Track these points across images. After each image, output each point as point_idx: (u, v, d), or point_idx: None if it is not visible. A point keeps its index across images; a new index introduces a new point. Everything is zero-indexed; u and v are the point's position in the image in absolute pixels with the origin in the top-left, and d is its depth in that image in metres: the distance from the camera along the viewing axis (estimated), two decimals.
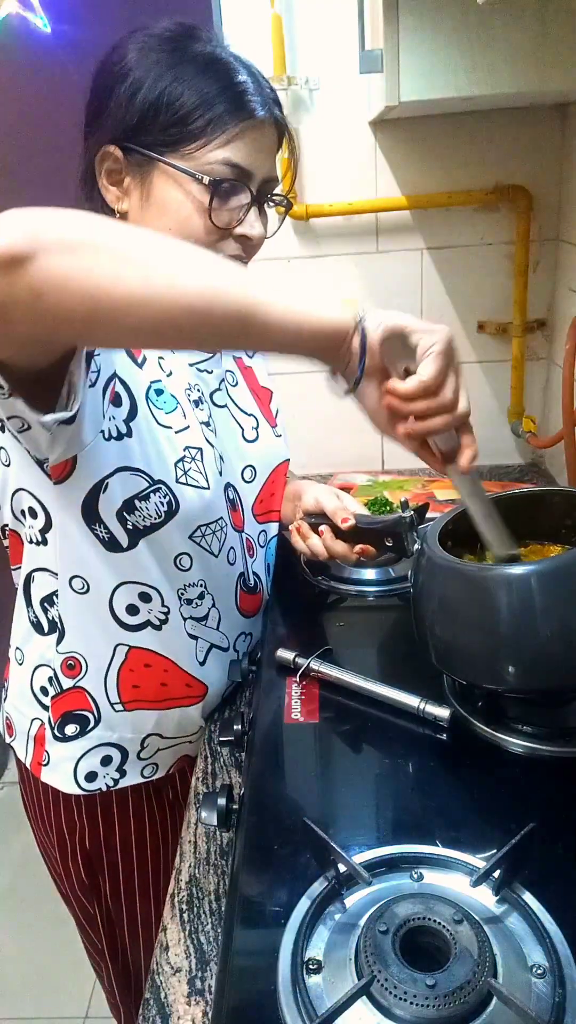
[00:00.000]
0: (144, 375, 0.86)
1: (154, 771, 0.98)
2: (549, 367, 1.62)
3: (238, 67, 0.82)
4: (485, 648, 0.73)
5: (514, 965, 0.54)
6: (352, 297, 0.69)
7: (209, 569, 0.93)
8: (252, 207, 0.84)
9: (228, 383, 1.01)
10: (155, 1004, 0.63)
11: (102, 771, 0.94)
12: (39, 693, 0.94)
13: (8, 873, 2.10)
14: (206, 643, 0.95)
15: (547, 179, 1.49)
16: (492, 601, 0.71)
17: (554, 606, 0.69)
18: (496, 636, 0.72)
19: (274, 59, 1.40)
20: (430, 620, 0.78)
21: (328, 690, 0.85)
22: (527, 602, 0.70)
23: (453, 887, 0.60)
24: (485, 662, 0.74)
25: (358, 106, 1.45)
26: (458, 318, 1.60)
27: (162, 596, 0.89)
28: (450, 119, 1.44)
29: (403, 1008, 0.50)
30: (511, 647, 0.72)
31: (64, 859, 1.00)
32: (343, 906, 0.59)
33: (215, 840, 0.78)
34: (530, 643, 0.71)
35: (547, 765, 0.74)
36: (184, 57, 0.80)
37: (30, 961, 1.87)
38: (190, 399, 0.91)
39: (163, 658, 0.91)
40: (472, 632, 0.74)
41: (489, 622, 0.72)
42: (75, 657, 0.90)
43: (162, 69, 0.80)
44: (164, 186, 0.82)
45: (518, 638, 0.71)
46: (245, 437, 1.02)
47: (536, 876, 0.59)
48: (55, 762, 0.94)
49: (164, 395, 0.87)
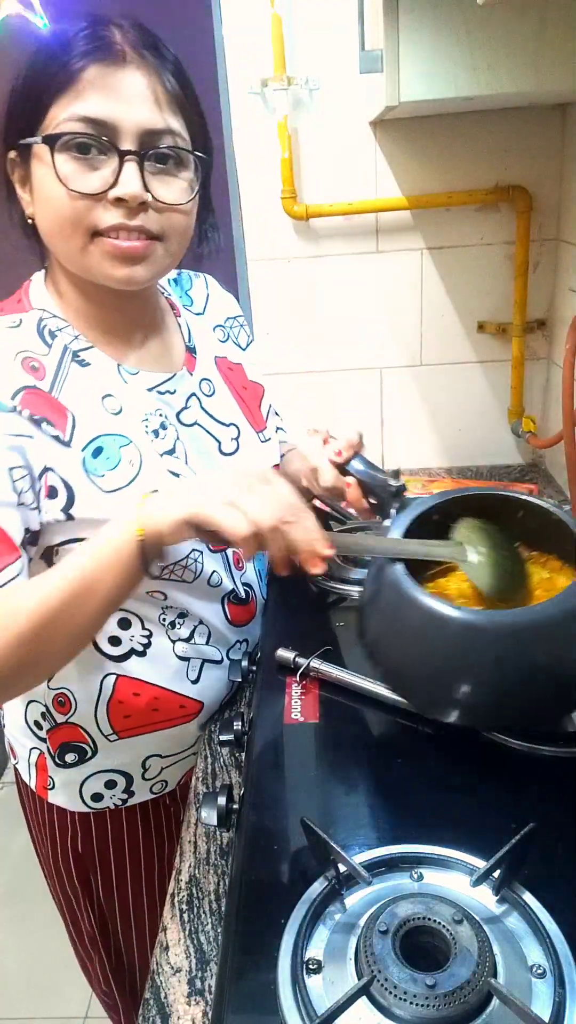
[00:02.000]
0: (74, 450, 0.79)
1: (164, 787, 0.98)
2: (549, 367, 1.62)
3: (82, 19, 0.74)
4: (429, 680, 0.73)
5: (514, 965, 0.53)
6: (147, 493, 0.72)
7: (188, 595, 0.90)
8: (125, 164, 0.74)
9: (201, 394, 0.94)
10: (155, 1004, 0.63)
11: (108, 793, 0.94)
12: (34, 727, 0.93)
13: (8, 873, 2.10)
14: (198, 661, 0.93)
15: (547, 179, 1.49)
16: (444, 638, 0.70)
17: (509, 656, 0.69)
18: (442, 671, 0.71)
19: (274, 59, 1.40)
20: (375, 636, 0.78)
21: (328, 690, 0.85)
22: (475, 644, 0.69)
23: (453, 887, 0.60)
24: (427, 694, 0.74)
25: (358, 106, 1.45)
26: (458, 318, 1.60)
27: (142, 620, 0.87)
28: (450, 119, 1.44)
29: (403, 1008, 0.50)
30: (455, 682, 0.71)
31: (56, 861, 1.00)
32: (343, 906, 0.59)
33: (215, 840, 0.78)
34: (476, 683, 0.70)
35: (547, 765, 0.74)
36: (37, 38, 0.75)
37: (30, 961, 1.87)
38: (148, 430, 0.85)
39: (152, 686, 0.90)
40: (418, 662, 0.74)
41: (436, 658, 0.72)
42: (64, 693, 0.89)
43: (21, 57, 0.74)
44: (37, 170, 0.76)
45: (464, 677, 0.70)
46: (223, 451, 0.95)
47: (536, 876, 0.59)
48: (60, 786, 0.94)
49: (105, 452, 0.80)
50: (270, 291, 1.60)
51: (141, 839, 0.99)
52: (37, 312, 0.83)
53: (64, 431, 0.79)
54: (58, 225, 0.76)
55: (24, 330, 0.81)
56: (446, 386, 1.65)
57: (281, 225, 1.54)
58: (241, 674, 0.94)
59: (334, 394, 1.66)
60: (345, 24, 1.39)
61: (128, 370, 0.86)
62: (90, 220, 0.75)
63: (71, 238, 0.76)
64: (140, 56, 0.74)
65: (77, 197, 0.74)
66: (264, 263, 1.58)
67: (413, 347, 1.63)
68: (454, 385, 1.65)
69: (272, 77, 1.41)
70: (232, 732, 0.85)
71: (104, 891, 1.01)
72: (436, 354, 1.63)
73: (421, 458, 1.72)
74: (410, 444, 1.71)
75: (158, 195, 0.76)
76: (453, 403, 1.67)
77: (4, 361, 0.77)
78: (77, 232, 0.76)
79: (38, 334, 0.81)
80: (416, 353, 1.63)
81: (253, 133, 1.48)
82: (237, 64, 1.44)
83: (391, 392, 1.66)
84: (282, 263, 1.57)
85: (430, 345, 1.63)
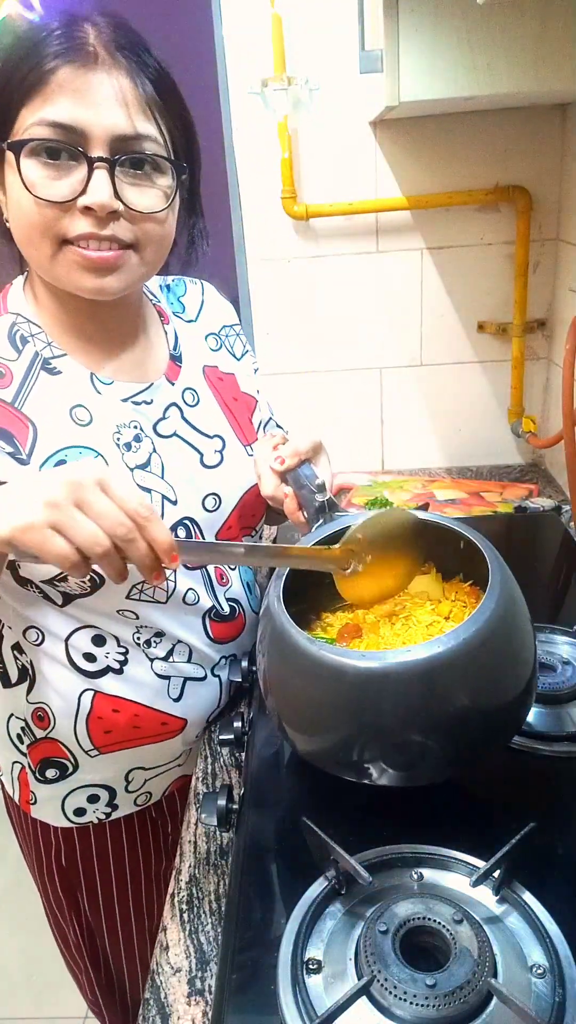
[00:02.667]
0: (32, 466, 0.76)
1: (148, 799, 0.96)
2: (549, 367, 1.62)
3: (54, 17, 0.71)
4: (331, 741, 0.65)
5: (514, 965, 0.54)
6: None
7: (162, 615, 0.86)
8: (94, 172, 0.71)
9: (183, 404, 0.90)
10: (155, 1004, 0.63)
11: (91, 807, 0.93)
12: (16, 740, 0.92)
13: (8, 873, 2.10)
14: (179, 678, 0.89)
15: (547, 179, 1.49)
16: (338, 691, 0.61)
17: (421, 700, 0.60)
18: (343, 729, 0.63)
19: (274, 59, 1.40)
20: (269, 683, 0.70)
21: None
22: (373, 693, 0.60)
23: (453, 887, 0.60)
24: (332, 756, 0.66)
25: (358, 106, 1.45)
26: (458, 318, 1.60)
27: (117, 639, 0.85)
28: (450, 119, 1.44)
29: (403, 1008, 0.50)
30: (362, 742, 0.63)
31: (43, 874, 1.00)
32: (343, 906, 0.59)
33: (215, 840, 0.78)
34: (379, 737, 0.62)
35: (547, 765, 0.74)
36: (4, 34, 0.73)
37: (30, 961, 1.87)
38: (120, 442, 0.82)
39: (131, 703, 0.87)
40: (315, 721, 0.66)
41: (336, 716, 0.63)
42: (43, 708, 0.87)
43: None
44: (8, 176, 0.73)
45: (370, 733, 0.62)
46: (204, 463, 0.90)
47: (536, 876, 0.59)
48: (42, 801, 0.94)
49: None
50: (270, 291, 1.60)
51: (127, 853, 0.98)
52: (11, 316, 0.81)
53: (24, 445, 0.76)
54: (27, 232, 0.74)
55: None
56: (446, 386, 1.65)
57: (281, 225, 1.54)
58: (241, 674, 0.94)
59: (334, 394, 1.66)
60: (345, 24, 1.38)
61: (102, 380, 0.83)
62: (59, 228, 0.73)
63: (40, 246, 0.74)
64: (112, 57, 0.70)
65: (45, 205, 0.71)
66: (264, 263, 1.58)
67: (413, 347, 1.63)
68: (454, 385, 1.65)
69: (272, 77, 1.41)
70: (232, 732, 0.85)
71: (90, 905, 1.00)
72: (436, 354, 1.63)
73: (421, 458, 1.72)
74: (410, 444, 1.71)
75: (131, 203, 0.73)
76: (453, 403, 1.67)
77: None
78: (45, 240, 0.73)
79: (8, 339, 0.80)
80: (416, 353, 1.63)
81: (253, 133, 1.48)
82: (237, 64, 1.44)
83: (391, 392, 1.66)
84: (282, 263, 1.57)
85: (430, 345, 1.63)
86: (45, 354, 0.81)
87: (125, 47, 0.72)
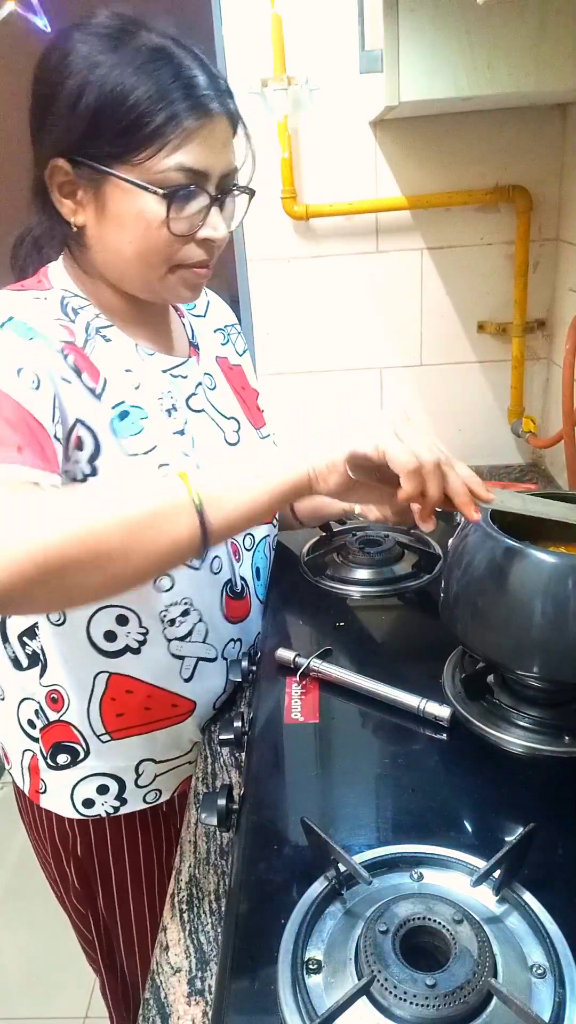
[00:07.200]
0: (105, 405, 0.82)
1: (157, 796, 0.97)
2: (549, 367, 1.62)
3: (186, 60, 0.76)
4: (517, 631, 0.73)
5: (514, 965, 0.54)
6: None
7: (193, 584, 0.90)
8: (212, 208, 0.80)
9: (206, 387, 0.97)
10: (155, 1004, 0.63)
11: (99, 799, 0.94)
12: (27, 726, 0.93)
13: (8, 873, 2.10)
14: (192, 659, 0.92)
15: (547, 179, 1.49)
16: (535, 586, 0.72)
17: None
18: (531, 622, 0.72)
19: (274, 59, 1.40)
20: (462, 590, 0.78)
21: (328, 690, 0.85)
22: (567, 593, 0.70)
23: (453, 887, 0.60)
24: (513, 645, 0.74)
25: (358, 106, 1.45)
26: (458, 318, 1.60)
27: (140, 617, 0.87)
28: (450, 119, 1.44)
29: (403, 1008, 0.50)
30: (544, 636, 0.72)
31: (60, 866, 1.00)
32: (343, 906, 0.59)
33: (215, 840, 0.78)
34: (562, 635, 0.71)
35: (547, 765, 0.74)
36: (126, 56, 0.74)
37: (30, 961, 1.87)
38: (162, 408, 0.88)
39: (144, 683, 0.90)
40: (506, 613, 0.74)
41: (527, 606, 0.72)
42: (57, 690, 0.89)
43: (104, 71, 0.74)
44: (119, 200, 0.78)
45: (553, 627, 0.71)
46: (227, 440, 0.98)
47: (536, 876, 0.59)
48: (52, 790, 0.94)
49: (130, 417, 0.83)
50: (270, 291, 1.60)
51: (141, 848, 0.99)
52: (59, 291, 0.85)
53: (97, 386, 0.82)
54: (147, 257, 0.80)
55: (50, 303, 0.83)
56: (446, 386, 1.65)
57: (281, 225, 1.54)
58: (241, 674, 0.94)
59: (334, 394, 1.65)
60: (345, 24, 1.39)
61: (145, 350, 0.89)
62: (178, 255, 0.81)
63: (154, 268, 0.82)
64: (225, 107, 0.79)
65: (173, 239, 0.79)
66: (264, 263, 1.58)
67: (413, 347, 1.63)
68: (454, 385, 1.65)
69: (272, 77, 1.41)
70: (232, 732, 0.85)
71: (105, 899, 1.01)
72: (436, 354, 1.63)
73: None
74: None
75: (229, 229, 0.84)
76: (453, 403, 1.67)
77: (46, 318, 0.79)
78: (164, 264, 0.81)
79: (62, 309, 0.84)
80: (416, 353, 1.63)
81: (253, 133, 1.48)
82: (237, 64, 1.44)
83: (391, 392, 1.66)
84: (282, 263, 1.57)
85: (430, 345, 1.63)
86: (95, 324, 0.85)
87: (224, 91, 0.80)
